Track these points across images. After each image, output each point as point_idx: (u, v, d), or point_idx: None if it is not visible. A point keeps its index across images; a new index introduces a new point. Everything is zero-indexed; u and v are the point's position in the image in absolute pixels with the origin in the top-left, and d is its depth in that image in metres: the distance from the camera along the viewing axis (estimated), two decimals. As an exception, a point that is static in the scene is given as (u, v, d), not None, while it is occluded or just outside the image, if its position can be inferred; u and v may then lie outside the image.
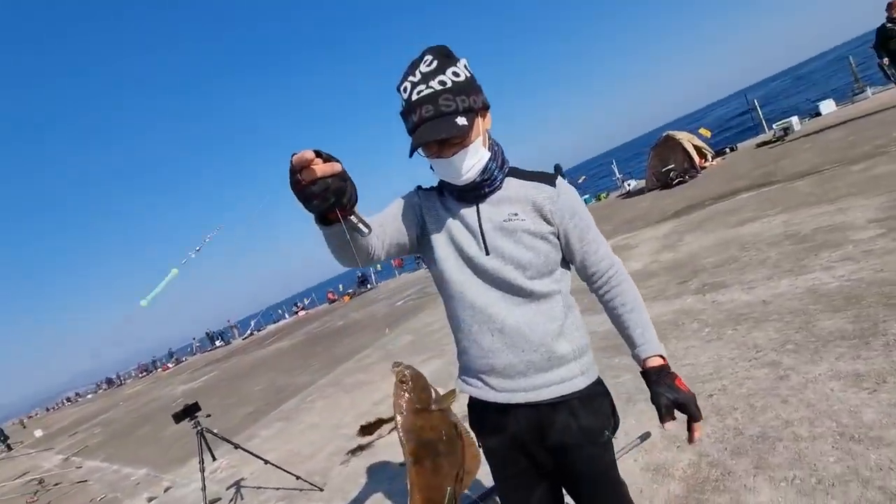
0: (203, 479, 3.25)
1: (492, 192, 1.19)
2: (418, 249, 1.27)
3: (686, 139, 12.23)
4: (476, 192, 1.18)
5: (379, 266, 24.78)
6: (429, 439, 0.87)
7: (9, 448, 21.76)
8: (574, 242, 1.20)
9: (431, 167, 1.16)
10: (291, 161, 0.81)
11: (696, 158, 11.85)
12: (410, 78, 1.07)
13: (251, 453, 3.57)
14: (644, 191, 12.59)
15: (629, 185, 14.33)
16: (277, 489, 3.84)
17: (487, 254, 1.16)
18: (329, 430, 4.82)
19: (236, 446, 3.54)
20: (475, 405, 1.28)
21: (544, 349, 1.17)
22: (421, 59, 1.07)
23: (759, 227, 5.23)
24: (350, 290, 24.01)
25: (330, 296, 25.16)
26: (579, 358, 1.21)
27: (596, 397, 1.23)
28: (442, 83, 1.05)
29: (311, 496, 3.49)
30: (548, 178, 1.19)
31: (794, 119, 11.55)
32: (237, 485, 4.25)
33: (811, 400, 2.25)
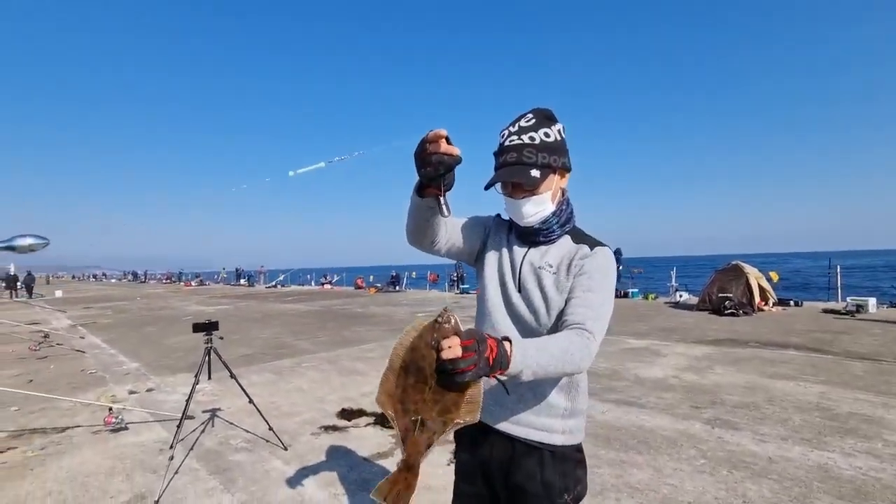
0: (192, 392, 3.44)
1: (546, 242, 1.32)
2: (475, 263, 1.42)
3: (754, 276, 11.89)
4: (532, 237, 1.32)
5: (414, 274, 25.10)
6: (421, 366, 0.94)
7: (30, 295, 23.19)
8: (572, 292, 1.21)
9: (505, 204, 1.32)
10: (427, 133, 1.02)
11: (757, 298, 11.49)
12: (510, 127, 1.25)
13: (242, 388, 3.74)
14: (693, 308, 12.26)
15: (681, 296, 13.98)
16: (247, 431, 4.00)
17: (519, 291, 1.30)
18: (313, 400, 4.96)
19: (232, 375, 3.73)
20: None
21: (540, 393, 1.26)
22: (524, 115, 1.25)
23: (794, 387, 5.04)
24: (378, 284, 24.36)
25: (358, 282, 25.61)
26: (568, 418, 1.29)
27: (569, 460, 1.29)
28: (531, 139, 1.21)
29: (274, 450, 3.61)
30: (593, 243, 1.29)
31: (872, 300, 11.03)
32: (213, 412, 4.44)
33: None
